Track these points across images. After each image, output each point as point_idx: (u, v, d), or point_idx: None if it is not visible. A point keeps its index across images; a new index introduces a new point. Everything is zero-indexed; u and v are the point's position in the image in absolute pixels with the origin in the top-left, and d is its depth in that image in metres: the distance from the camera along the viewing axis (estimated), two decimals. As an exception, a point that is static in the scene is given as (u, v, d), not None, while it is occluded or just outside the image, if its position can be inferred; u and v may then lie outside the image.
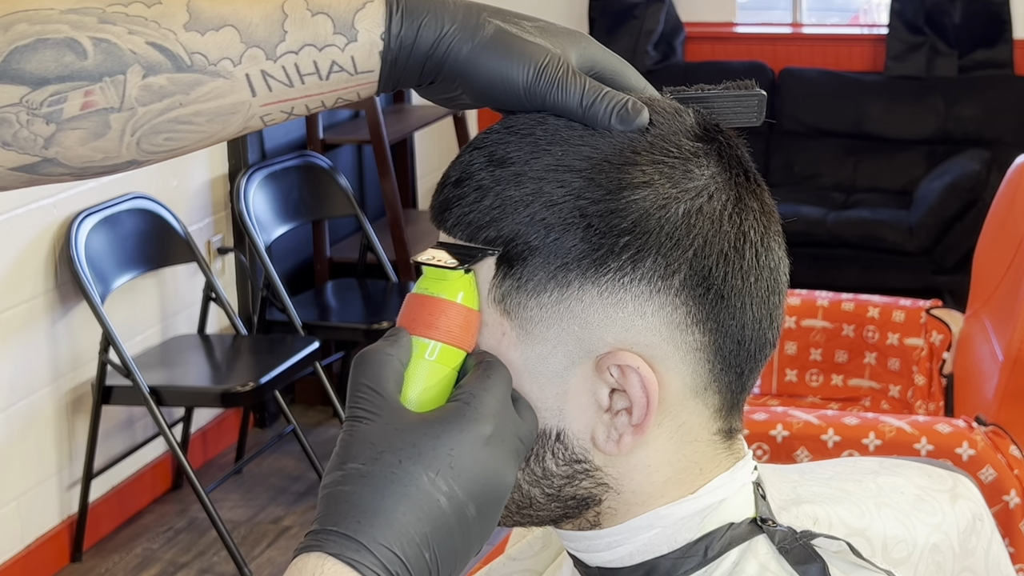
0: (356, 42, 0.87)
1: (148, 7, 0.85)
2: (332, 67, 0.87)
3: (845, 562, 0.92)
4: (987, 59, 5.30)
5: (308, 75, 0.87)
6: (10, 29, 0.84)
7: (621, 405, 0.88)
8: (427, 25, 0.87)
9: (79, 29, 0.84)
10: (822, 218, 5.01)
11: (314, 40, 0.87)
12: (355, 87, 0.89)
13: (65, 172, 0.87)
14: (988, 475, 2.54)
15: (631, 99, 0.88)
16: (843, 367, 3.34)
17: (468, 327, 0.88)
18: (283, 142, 4.54)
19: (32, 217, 3.44)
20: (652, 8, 5.48)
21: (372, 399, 0.83)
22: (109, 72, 0.84)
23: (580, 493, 0.91)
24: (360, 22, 0.87)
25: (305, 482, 4.10)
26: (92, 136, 0.85)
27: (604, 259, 0.86)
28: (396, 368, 0.85)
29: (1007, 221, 3.00)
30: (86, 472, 3.60)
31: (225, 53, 0.86)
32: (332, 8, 0.87)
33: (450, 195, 0.90)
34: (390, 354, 0.85)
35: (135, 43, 0.84)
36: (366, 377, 0.84)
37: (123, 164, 0.88)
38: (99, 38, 0.84)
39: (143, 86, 0.85)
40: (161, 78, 0.85)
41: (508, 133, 0.90)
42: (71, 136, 0.85)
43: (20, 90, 0.83)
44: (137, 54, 0.84)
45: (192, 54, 0.85)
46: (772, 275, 0.90)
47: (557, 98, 0.88)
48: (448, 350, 0.87)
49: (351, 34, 0.87)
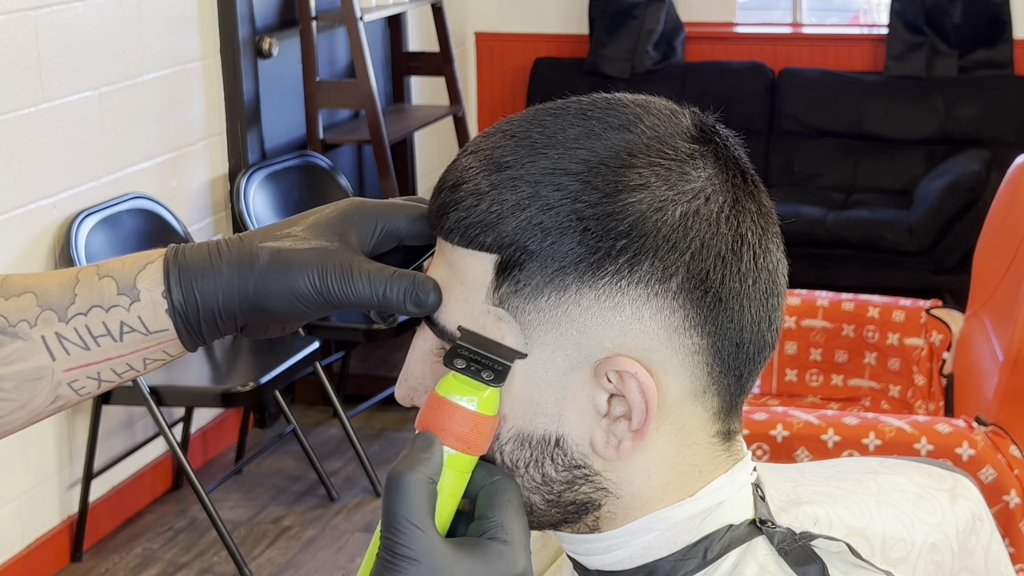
0: (140, 302, 0.90)
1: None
2: (123, 328, 0.90)
3: (844, 563, 0.92)
4: (987, 59, 5.30)
5: (101, 336, 0.90)
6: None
7: (620, 410, 0.88)
8: (204, 282, 0.90)
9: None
10: (822, 218, 5.01)
11: (100, 301, 0.90)
12: (156, 346, 0.91)
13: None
14: (988, 475, 2.54)
15: (418, 278, 0.89)
16: (843, 367, 3.34)
17: (491, 434, 0.88)
18: (283, 142, 4.54)
19: (32, 217, 3.44)
20: (652, 8, 5.48)
21: (413, 536, 0.82)
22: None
23: (580, 498, 0.90)
24: (141, 282, 0.90)
25: (305, 482, 4.10)
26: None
27: (601, 262, 0.86)
28: (432, 493, 0.84)
29: (1007, 221, 3.00)
30: (86, 472, 3.60)
31: (23, 316, 0.89)
32: (116, 271, 0.91)
33: (447, 200, 0.89)
34: (426, 477, 0.84)
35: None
36: (405, 508, 0.83)
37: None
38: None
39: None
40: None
41: (504, 137, 0.90)
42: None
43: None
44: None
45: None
46: (770, 277, 0.90)
47: (350, 296, 0.89)
48: (468, 459, 0.87)
49: (133, 294, 0.90)
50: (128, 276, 0.91)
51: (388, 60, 5.28)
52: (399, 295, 0.89)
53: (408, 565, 0.82)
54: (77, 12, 3.56)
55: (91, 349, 0.90)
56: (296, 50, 4.50)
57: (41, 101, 3.44)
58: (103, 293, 0.90)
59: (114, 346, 0.90)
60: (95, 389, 0.92)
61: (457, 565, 0.82)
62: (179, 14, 4.00)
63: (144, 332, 0.90)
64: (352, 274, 0.89)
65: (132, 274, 0.91)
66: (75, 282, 0.91)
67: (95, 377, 0.91)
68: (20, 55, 3.37)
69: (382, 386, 4.48)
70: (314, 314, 0.91)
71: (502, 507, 0.86)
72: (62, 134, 3.52)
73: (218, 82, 4.19)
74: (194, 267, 0.90)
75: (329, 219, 0.92)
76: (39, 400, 0.91)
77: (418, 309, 0.89)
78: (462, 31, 5.71)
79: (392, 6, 4.74)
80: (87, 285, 0.91)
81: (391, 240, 0.94)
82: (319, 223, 0.91)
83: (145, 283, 0.90)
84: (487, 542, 0.85)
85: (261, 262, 0.89)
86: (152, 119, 3.88)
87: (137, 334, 0.90)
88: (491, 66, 5.86)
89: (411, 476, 0.83)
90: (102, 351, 0.90)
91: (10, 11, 3.33)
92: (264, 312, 0.90)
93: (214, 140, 4.19)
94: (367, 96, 4.42)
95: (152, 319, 0.90)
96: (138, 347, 0.91)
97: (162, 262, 0.91)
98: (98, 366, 0.91)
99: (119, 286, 0.90)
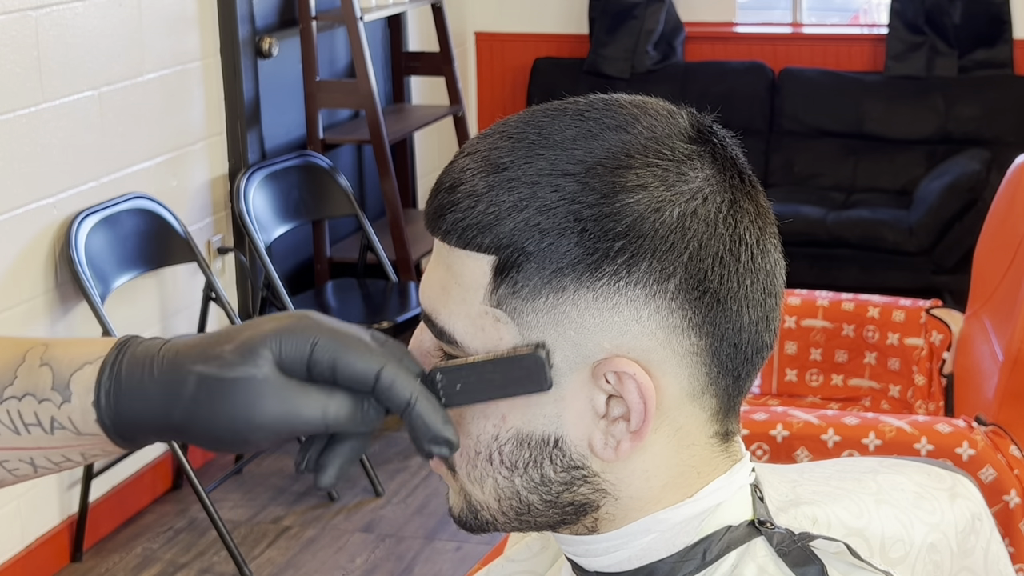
0: (70, 403, 0.86)
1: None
2: (54, 423, 0.86)
3: (844, 563, 0.92)
4: (987, 59, 5.30)
5: (32, 425, 0.86)
6: None
7: (618, 412, 0.88)
8: (132, 402, 0.84)
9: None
10: (822, 218, 5.01)
11: (34, 390, 0.86)
12: (90, 446, 0.87)
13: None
14: (988, 475, 2.54)
15: (365, 404, 0.85)
16: (843, 367, 3.34)
17: None
18: (283, 142, 4.54)
19: (32, 217, 3.44)
20: (652, 8, 5.48)
21: None
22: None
23: (578, 499, 0.90)
24: (74, 384, 0.86)
25: (305, 482, 4.09)
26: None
27: (599, 263, 0.86)
28: None
29: (1007, 221, 3.00)
30: (86, 472, 3.60)
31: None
32: (57, 361, 0.86)
33: (444, 201, 0.89)
34: None
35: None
36: None
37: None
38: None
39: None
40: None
41: (501, 138, 0.89)
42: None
43: None
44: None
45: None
46: (768, 277, 0.90)
47: (290, 425, 0.84)
48: None
49: (65, 394, 0.86)
50: (65, 372, 0.86)
51: (388, 60, 5.28)
52: (344, 417, 0.85)
53: None
54: (77, 12, 3.56)
55: (21, 435, 0.86)
56: (296, 50, 4.50)
57: (41, 101, 3.44)
58: (38, 383, 0.86)
59: (45, 438, 0.86)
60: (31, 473, 0.88)
61: None
62: (179, 14, 4.00)
63: (74, 432, 0.86)
64: (286, 401, 0.83)
65: (69, 371, 0.86)
66: (20, 361, 0.87)
67: (28, 462, 0.88)
68: (20, 55, 3.37)
69: (382, 386, 4.47)
70: (252, 444, 0.84)
71: None
72: (62, 134, 3.52)
73: (218, 82, 4.19)
74: (126, 382, 0.85)
75: (263, 337, 0.84)
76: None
77: (367, 428, 0.86)
78: (462, 31, 5.71)
79: (392, 6, 4.74)
80: (28, 368, 0.86)
81: (326, 371, 0.85)
82: (251, 342, 0.84)
83: (78, 386, 0.85)
84: None
85: (189, 389, 0.83)
86: (152, 119, 3.88)
87: (68, 432, 0.86)
88: (491, 66, 5.85)
89: None
90: (33, 439, 0.86)
91: (10, 11, 3.33)
92: (192, 437, 0.85)
93: (214, 140, 4.19)
94: (367, 96, 4.42)
95: (82, 423, 0.86)
96: (70, 443, 0.87)
97: (99, 367, 0.85)
98: (31, 452, 0.87)
99: (54, 380, 0.86)
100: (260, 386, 0.83)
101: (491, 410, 0.89)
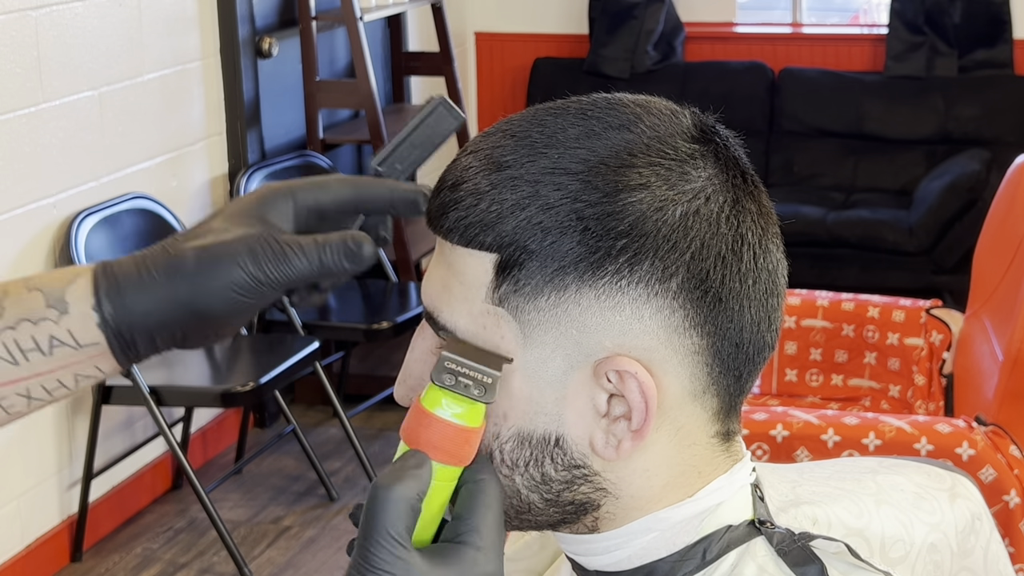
0: (68, 315, 0.87)
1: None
2: (52, 341, 0.87)
3: (843, 563, 0.92)
4: (987, 59, 5.30)
5: (30, 351, 0.88)
6: None
7: (619, 411, 0.88)
8: (135, 293, 0.87)
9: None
10: (822, 218, 5.01)
11: (28, 315, 0.88)
12: (87, 360, 0.88)
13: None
14: (988, 475, 2.54)
15: (348, 235, 0.88)
16: (843, 367, 3.34)
17: (477, 444, 0.87)
18: (283, 142, 4.54)
19: (32, 217, 3.44)
20: (652, 8, 5.48)
21: (391, 550, 0.82)
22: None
23: (579, 498, 0.90)
24: (70, 295, 0.88)
25: (305, 482, 4.10)
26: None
27: (601, 262, 0.86)
28: (416, 511, 0.83)
29: (1007, 221, 3.00)
30: (86, 472, 3.60)
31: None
32: (46, 285, 0.88)
33: (446, 199, 0.89)
34: (413, 493, 0.83)
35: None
36: (388, 521, 0.82)
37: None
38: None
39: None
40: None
41: (504, 136, 0.89)
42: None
43: None
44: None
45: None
46: (770, 277, 0.90)
47: (289, 273, 0.87)
48: (455, 469, 0.87)
49: (62, 307, 0.87)
50: (57, 289, 0.88)
51: (388, 60, 5.28)
52: (335, 257, 0.88)
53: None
54: (77, 12, 3.56)
55: (19, 364, 0.88)
56: (296, 50, 4.50)
57: (41, 101, 3.44)
58: (32, 306, 0.88)
59: (44, 361, 0.88)
60: (25, 407, 0.90)
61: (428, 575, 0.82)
62: (179, 14, 4.00)
63: (74, 346, 0.88)
64: (283, 251, 0.87)
65: (61, 287, 0.88)
66: (3, 295, 0.88)
67: (24, 394, 0.89)
68: (20, 55, 3.37)
69: (382, 386, 4.48)
70: (254, 305, 0.88)
71: (479, 510, 0.86)
72: (62, 134, 3.52)
73: (218, 82, 4.19)
74: (123, 279, 0.88)
75: (246, 206, 0.90)
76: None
77: (356, 264, 0.88)
78: (462, 31, 5.71)
79: (392, 6, 4.74)
80: (15, 298, 0.88)
81: (313, 216, 0.91)
82: (236, 212, 0.90)
83: (74, 296, 0.87)
84: (460, 547, 0.84)
85: (189, 263, 0.87)
86: (152, 119, 3.88)
87: (67, 348, 0.88)
88: (491, 66, 5.86)
89: (399, 490, 0.82)
90: (31, 366, 0.88)
91: (10, 11, 3.33)
92: (201, 314, 0.88)
93: (214, 140, 4.19)
94: (367, 96, 4.42)
95: (82, 333, 0.87)
96: (68, 361, 0.88)
97: (91, 275, 0.88)
98: (27, 382, 0.88)
99: (47, 299, 0.88)
100: (259, 239, 0.87)
101: (492, 409, 0.89)
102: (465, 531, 0.85)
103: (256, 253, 0.87)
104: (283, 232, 0.89)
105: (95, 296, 0.87)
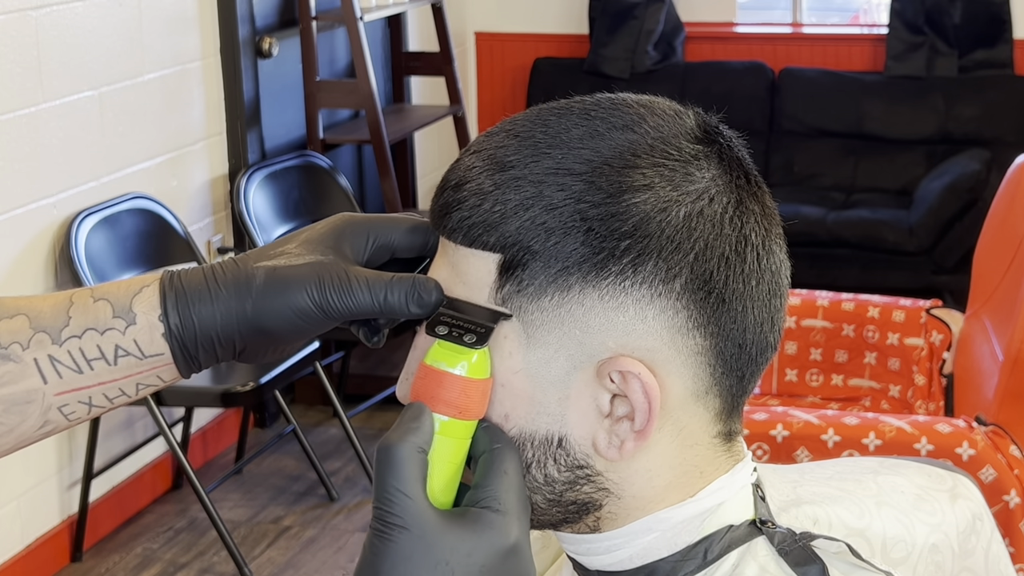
0: (135, 325, 0.89)
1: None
2: (117, 351, 0.89)
3: (845, 563, 0.92)
4: (987, 59, 5.30)
5: (95, 360, 0.89)
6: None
7: (622, 411, 0.88)
8: (201, 305, 0.89)
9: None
10: (822, 218, 5.01)
11: (95, 324, 0.89)
12: (150, 371, 0.90)
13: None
14: (988, 475, 2.54)
15: (418, 279, 0.89)
16: (843, 367, 3.34)
17: (484, 398, 0.88)
18: (283, 142, 4.54)
19: (32, 217, 3.44)
20: (652, 8, 5.48)
21: (402, 505, 0.83)
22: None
23: (581, 498, 0.90)
24: (137, 305, 0.89)
25: (305, 482, 4.10)
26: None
27: (605, 263, 0.86)
28: (422, 462, 0.85)
29: (1007, 221, 3.00)
30: (86, 472, 3.60)
31: (15, 338, 0.88)
32: (112, 294, 0.90)
33: (450, 199, 0.89)
34: (415, 446, 0.84)
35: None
36: (394, 478, 0.83)
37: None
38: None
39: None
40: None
41: (508, 136, 0.89)
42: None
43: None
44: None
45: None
46: (773, 278, 0.90)
47: (350, 305, 0.89)
48: (464, 424, 0.87)
49: (129, 317, 0.89)
50: (124, 299, 0.89)
51: (388, 60, 5.28)
52: (401, 298, 0.89)
53: (398, 533, 0.82)
54: (77, 12, 3.56)
55: (84, 372, 0.89)
56: (296, 50, 4.50)
57: (41, 101, 3.44)
58: (98, 316, 0.89)
59: (108, 370, 0.89)
60: (85, 415, 0.91)
61: (447, 534, 0.83)
62: (179, 14, 4.00)
63: (139, 356, 0.89)
64: (350, 283, 0.89)
65: (128, 297, 0.90)
66: (69, 304, 0.90)
67: (86, 402, 0.90)
68: (20, 55, 3.37)
69: (382, 386, 4.48)
70: (314, 330, 0.90)
71: (497, 476, 0.86)
72: (62, 134, 3.52)
73: (218, 82, 4.19)
74: (191, 290, 0.89)
75: (321, 234, 0.92)
76: (27, 424, 0.89)
77: (421, 310, 0.89)
78: (462, 31, 5.71)
79: (392, 6, 4.74)
80: (82, 307, 0.89)
81: (384, 253, 0.93)
82: (312, 239, 0.91)
83: (141, 306, 0.89)
84: (479, 511, 0.85)
85: (258, 282, 0.89)
86: (152, 119, 3.88)
87: (132, 358, 0.89)
88: (491, 66, 5.86)
89: (400, 446, 0.84)
90: (95, 375, 0.89)
91: (10, 11, 3.33)
92: (264, 332, 0.89)
93: (214, 140, 4.19)
94: (367, 96, 4.42)
95: (148, 343, 0.89)
96: (132, 371, 0.90)
97: (158, 286, 0.90)
98: (90, 390, 0.90)
99: (115, 309, 0.89)
100: (329, 268, 0.89)
101: (494, 410, 0.89)
102: (483, 497, 0.85)
103: (323, 282, 0.88)
104: (353, 265, 0.90)
105: (162, 306, 0.89)
